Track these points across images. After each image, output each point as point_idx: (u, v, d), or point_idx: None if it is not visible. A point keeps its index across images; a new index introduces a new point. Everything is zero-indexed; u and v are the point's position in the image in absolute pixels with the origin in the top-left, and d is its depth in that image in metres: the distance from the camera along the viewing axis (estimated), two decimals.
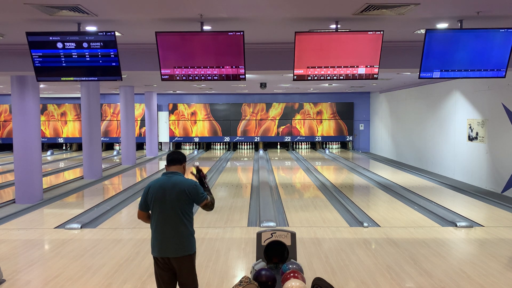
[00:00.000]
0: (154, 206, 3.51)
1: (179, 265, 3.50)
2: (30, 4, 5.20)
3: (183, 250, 3.48)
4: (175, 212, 3.47)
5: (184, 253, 3.49)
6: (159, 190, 3.50)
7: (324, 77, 6.42)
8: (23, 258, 5.84)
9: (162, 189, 3.50)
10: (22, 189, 9.15)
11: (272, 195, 9.97)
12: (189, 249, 3.51)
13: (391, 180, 12.03)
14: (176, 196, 3.47)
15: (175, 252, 3.47)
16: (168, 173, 3.59)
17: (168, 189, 3.48)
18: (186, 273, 3.53)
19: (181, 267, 3.50)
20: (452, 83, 12.33)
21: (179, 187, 3.48)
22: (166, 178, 3.55)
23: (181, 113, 21.51)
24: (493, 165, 10.39)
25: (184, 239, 3.49)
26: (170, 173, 3.59)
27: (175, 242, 3.46)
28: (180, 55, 6.24)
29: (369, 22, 6.18)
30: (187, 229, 3.51)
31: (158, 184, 3.54)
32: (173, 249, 3.46)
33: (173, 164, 3.62)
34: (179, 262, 3.49)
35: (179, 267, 3.50)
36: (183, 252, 3.48)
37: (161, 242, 3.48)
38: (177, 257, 3.47)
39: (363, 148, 21.29)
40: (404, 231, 7.00)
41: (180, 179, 3.53)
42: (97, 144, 12.76)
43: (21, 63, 7.66)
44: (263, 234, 4.24)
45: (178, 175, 3.57)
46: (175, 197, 3.47)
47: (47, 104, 21.56)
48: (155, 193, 3.51)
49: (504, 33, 6.01)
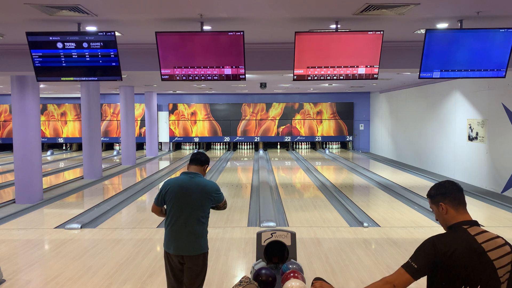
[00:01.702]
0: (174, 205, 3.56)
1: (191, 263, 3.57)
2: (30, 4, 5.20)
3: (199, 249, 3.57)
4: (195, 213, 3.55)
5: (199, 252, 3.58)
6: (181, 190, 3.55)
7: (324, 77, 6.42)
8: (23, 258, 5.84)
9: (183, 188, 3.55)
10: (22, 189, 9.15)
11: (272, 195, 9.97)
12: (204, 248, 3.62)
13: (391, 180, 12.03)
14: (199, 197, 3.54)
15: (190, 251, 3.55)
16: (189, 173, 3.63)
17: (191, 190, 3.54)
18: (196, 273, 3.60)
19: (193, 265, 3.58)
20: (452, 83, 12.33)
21: (203, 189, 3.56)
22: (188, 178, 3.60)
23: (181, 113, 21.51)
24: (493, 165, 10.39)
25: (200, 238, 3.58)
26: (191, 173, 3.63)
27: (190, 241, 3.55)
28: (180, 55, 6.24)
29: (369, 22, 6.18)
30: (204, 229, 3.61)
31: (178, 183, 3.59)
32: (189, 247, 3.55)
33: (194, 164, 3.67)
34: (192, 261, 3.57)
35: (191, 265, 3.58)
36: (198, 251, 3.57)
37: (177, 240, 3.55)
38: (192, 255, 3.56)
39: (363, 148, 21.29)
40: (404, 231, 7.00)
41: (203, 181, 3.61)
42: (97, 144, 12.77)
43: (21, 63, 7.66)
44: (263, 234, 4.24)
45: (199, 177, 3.62)
46: (199, 198, 3.54)
47: (47, 104, 21.56)
48: (175, 192, 3.56)
49: (504, 33, 6.01)
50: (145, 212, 9.07)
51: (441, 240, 2.13)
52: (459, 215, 2.21)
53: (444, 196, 2.25)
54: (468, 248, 2.08)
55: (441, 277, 2.11)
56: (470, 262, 2.07)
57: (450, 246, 2.09)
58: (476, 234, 2.13)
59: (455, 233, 2.16)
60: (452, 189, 2.26)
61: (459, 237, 2.13)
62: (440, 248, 2.09)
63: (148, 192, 10.73)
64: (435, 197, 2.29)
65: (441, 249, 2.09)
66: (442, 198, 2.25)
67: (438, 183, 2.33)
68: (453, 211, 2.22)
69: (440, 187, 2.29)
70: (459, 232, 2.15)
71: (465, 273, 2.07)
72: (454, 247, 2.08)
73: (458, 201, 2.23)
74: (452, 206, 2.23)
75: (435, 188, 2.31)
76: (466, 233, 2.14)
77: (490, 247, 2.10)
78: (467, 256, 2.07)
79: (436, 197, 2.28)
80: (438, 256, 2.09)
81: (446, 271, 2.09)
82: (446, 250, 2.08)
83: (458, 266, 2.07)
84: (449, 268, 2.08)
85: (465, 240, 2.11)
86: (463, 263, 2.07)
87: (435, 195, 2.28)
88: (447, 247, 2.08)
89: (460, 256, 2.07)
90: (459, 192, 2.26)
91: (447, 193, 2.25)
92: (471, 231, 2.15)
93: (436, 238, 2.15)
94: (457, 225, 2.19)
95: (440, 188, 2.28)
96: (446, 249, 2.08)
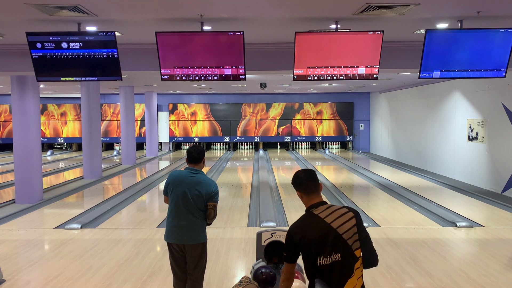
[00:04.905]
0: (174, 197, 3.81)
1: (192, 252, 3.82)
2: (30, 4, 5.19)
3: (198, 238, 3.82)
4: (194, 207, 3.77)
5: (199, 241, 3.82)
6: (181, 185, 3.79)
7: (324, 77, 6.42)
8: (23, 258, 5.84)
9: (184, 183, 3.79)
10: (22, 189, 9.15)
11: (272, 195, 9.97)
12: (203, 238, 3.86)
13: (391, 180, 12.03)
14: (198, 193, 3.76)
15: (190, 240, 3.79)
16: (191, 169, 3.87)
17: (191, 186, 3.77)
18: (196, 261, 3.84)
19: (194, 254, 3.83)
20: (452, 83, 12.33)
21: (203, 186, 3.78)
22: (190, 174, 3.84)
23: (181, 113, 21.51)
24: (493, 165, 10.39)
25: (199, 229, 3.82)
26: (193, 169, 3.87)
27: (190, 231, 3.78)
28: (180, 55, 6.24)
29: (369, 22, 6.18)
30: (202, 221, 3.84)
31: (180, 178, 3.84)
32: (188, 237, 3.79)
33: (194, 163, 3.89)
34: (193, 249, 3.81)
35: (192, 254, 3.83)
36: (197, 240, 3.81)
37: (178, 230, 3.79)
38: (192, 244, 3.80)
39: (363, 148, 21.29)
40: (404, 231, 7.00)
41: (204, 179, 3.83)
42: (97, 144, 12.76)
43: (21, 63, 7.65)
44: (263, 234, 4.24)
45: (200, 174, 3.86)
46: (198, 194, 3.76)
47: (47, 104, 21.56)
48: (176, 186, 3.81)
49: (504, 33, 6.01)
50: (145, 212, 9.07)
51: (294, 229, 2.57)
52: (310, 200, 2.62)
53: (298, 186, 2.66)
54: (313, 228, 2.51)
55: (302, 254, 2.56)
56: (318, 237, 2.47)
57: (300, 233, 2.53)
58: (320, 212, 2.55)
59: (305, 218, 2.59)
60: (306, 178, 2.65)
61: (309, 221, 2.55)
62: (294, 236, 2.54)
63: (148, 192, 10.73)
64: (293, 186, 2.70)
65: (295, 236, 2.54)
66: (297, 187, 2.67)
67: (295, 173, 2.71)
68: (305, 198, 2.64)
69: (295, 178, 2.68)
70: (308, 217, 2.58)
71: (316, 249, 2.48)
72: (301, 233, 2.51)
73: (309, 189, 2.62)
74: (305, 194, 2.63)
75: (292, 178, 2.71)
76: (313, 216, 2.55)
77: (332, 219, 2.51)
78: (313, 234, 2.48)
79: (294, 186, 2.70)
80: (294, 242, 2.54)
81: (303, 249, 2.53)
82: (298, 237, 2.52)
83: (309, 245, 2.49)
84: (304, 247, 2.51)
85: (314, 222, 2.53)
86: (313, 241, 2.48)
87: (293, 184, 2.70)
88: (298, 234, 2.53)
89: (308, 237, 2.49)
90: (310, 181, 2.64)
91: (301, 183, 2.64)
92: (317, 211, 2.56)
93: (292, 227, 2.59)
94: (306, 210, 2.63)
95: (295, 179, 2.68)
96: (298, 236, 2.52)
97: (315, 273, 2.52)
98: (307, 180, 2.65)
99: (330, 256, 2.48)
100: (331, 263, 2.48)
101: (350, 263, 2.52)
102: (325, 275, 2.49)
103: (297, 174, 2.70)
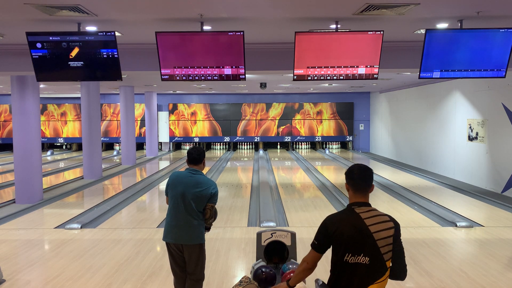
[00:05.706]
0: (173, 198, 3.82)
1: (190, 252, 3.81)
2: (30, 4, 5.20)
3: (196, 239, 3.80)
4: (192, 207, 3.77)
5: (196, 242, 3.81)
6: (180, 185, 3.80)
7: (324, 77, 6.42)
8: (23, 258, 5.84)
9: (183, 184, 3.80)
10: (22, 189, 9.15)
11: (272, 195, 9.97)
12: (200, 239, 3.84)
13: (391, 180, 12.03)
14: (197, 194, 3.76)
15: (188, 240, 3.79)
16: (191, 170, 3.88)
17: (190, 186, 3.77)
18: (195, 261, 3.84)
19: (192, 254, 3.82)
20: (452, 83, 12.33)
21: (202, 187, 3.78)
22: (190, 174, 3.85)
23: (181, 113, 21.51)
24: (493, 165, 10.39)
25: (197, 229, 3.80)
26: (194, 170, 3.88)
27: (188, 231, 3.78)
28: (180, 55, 6.24)
29: (369, 22, 6.18)
30: (200, 222, 3.82)
31: (179, 178, 3.85)
32: (186, 237, 3.78)
33: (194, 164, 3.90)
34: (190, 250, 3.81)
35: (189, 254, 3.82)
36: (195, 240, 3.80)
37: (176, 230, 3.79)
38: (189, 244, 3.79)
39: (363, 148, 21.29)
40: (404, 231, 6.94)
41: (203, 179, 3.84)
42: (97, 144, 12.76)
43: (21, 63, 7.65)
44: (263, 234, 4.24)
45: (200, 174, 3.87)
46: (197, 195, 3.76)
47: (47, 104, 21.56)
48: (175, 187, 3.82)
49: (504, 33, 6.01)
50: (145, 212, 9.07)
51: (331, 220, 2.58)
52: (355, 197, 2.62)
53: (349, 180, 2.66)
54: (351, 224, 2.51)
55: (332, 247, 2.58)
56: (352, 235, 2.48)
57: (335, 225, 2.54)
58: (361, 212, 2.55)
59: (345, 213, 2.60)
60: (358, 176, 2.64)
61: (348, 216, 2.56)
62: (329, 227, 2.56)
63: (148, 192, 10.73)
64: (345, 176, 2.70)
65: (330, 227, 2.55)
66: (348, 180, 2.67)
67: (352, 166, 2.71)
68: (351, 193, 2.64)
69: (349, 171, 2.68)
70: (348, 212, 2.58)
71: (347, 245, 2.49)
72: (337, 225, 2.52)
73: (358, 187, 2.62)
74: (352, 189, 2.63)
75: (348, 169, 2.70)
76: (354, 213, 2.55)
77: (372, 222, 2.51)
78: (348, 230, 2.49)
79: (345, 177, 2.69)
80: (327, 233, 2.55)
81: (334, 242, 2.54)
82: (333, 229, 2.53)
83: (341, 240, 2.50)
84: (335, 240, 2.53)
85: (352, 219, 2.53)
86: (346, 237, 2.49)
87: (345, 175, 2.69)
88: (333, 225, 2.54)
89: (343, 231, 2.50)
90: (361, 180, 2.63)
91: (351, 178, 2.64)
92: (359, 210, 2.56)
93: (328, 218, 2.61)
94: (348, 206, 2.63)
95: (349, 172, 2.67)
96: (333, 228, 2.54)
97: (340, 269, 2.52)
98: (359, 178, 2.63)
99: (359, 256, 2.48)
100: (356, 263, 2.48)
101: (377, 270, 2.49)
102: (349, 273, 2.49)
103: (352, 167, 2.69)
